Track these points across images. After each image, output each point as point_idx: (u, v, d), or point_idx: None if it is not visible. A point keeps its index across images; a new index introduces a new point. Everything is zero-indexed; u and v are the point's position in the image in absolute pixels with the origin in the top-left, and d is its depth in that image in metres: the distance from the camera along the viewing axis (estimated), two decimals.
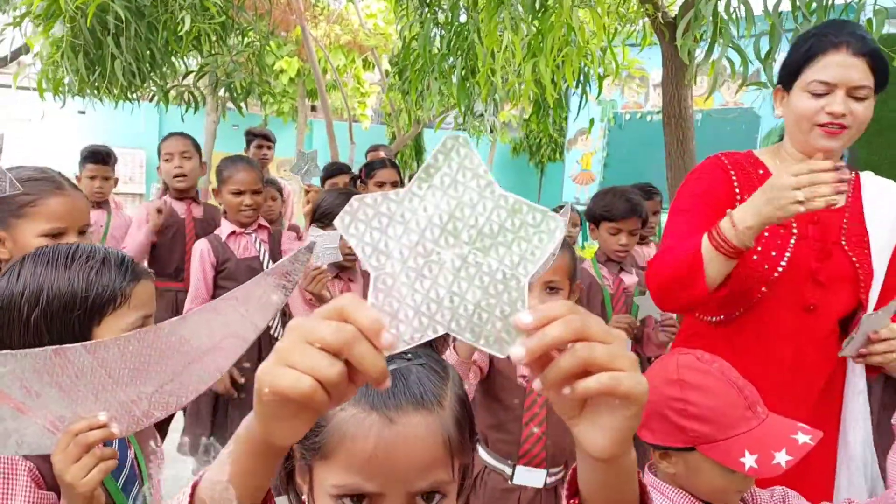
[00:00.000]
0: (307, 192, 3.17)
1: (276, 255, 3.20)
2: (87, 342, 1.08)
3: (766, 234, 1.77)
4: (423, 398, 0.81)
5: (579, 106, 4.35)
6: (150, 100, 4.19)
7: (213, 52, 4.18)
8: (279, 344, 0.58)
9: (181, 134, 3.49)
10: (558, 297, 2.04)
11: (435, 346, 0.90)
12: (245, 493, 0.66)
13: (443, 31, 4.06)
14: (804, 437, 1.31)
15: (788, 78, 1.80)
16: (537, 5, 3.80)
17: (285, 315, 3.35)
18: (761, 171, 1.89)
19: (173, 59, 3.84)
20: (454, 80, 3.91)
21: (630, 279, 3.01)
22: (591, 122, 4.57)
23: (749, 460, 1.28)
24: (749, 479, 1.37)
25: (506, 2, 3.63)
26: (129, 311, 1.28)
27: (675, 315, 2.80)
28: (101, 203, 3.75)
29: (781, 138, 1.91)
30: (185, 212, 3.46)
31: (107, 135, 9.11)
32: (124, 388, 1.09)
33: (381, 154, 5.61)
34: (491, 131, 7.40)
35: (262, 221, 3.23)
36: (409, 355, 0.86)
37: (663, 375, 1.42)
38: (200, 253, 3.00)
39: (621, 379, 0.58)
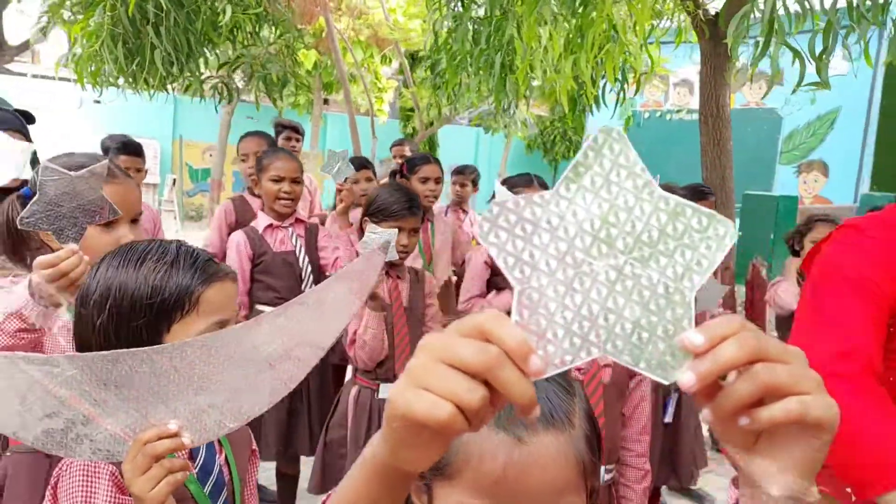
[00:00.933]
0: (339, 191, 3.11)
1: (312, 249, 3.15)
2: (156, 346, 1.03)
3: None
4: (554, 416, 0.76)
5: (616, 102, 4.30)
6: (185, 91, 4.16)
7: (246, 43, 4.15)
8: (411, 363, 0.52)
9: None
10: None
11: None
12: None
13: (479, 27, 4.01)
14: None
15: None
16: (577, 1, 3.75)
17: None
18: None
19: (206, 49, 3.81)
20: (492, 75, 3.86)
21: None
22: (628, 119, 4.52)
23: None
24: None
25: None
26: (199, 317, 1.18)
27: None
28: None
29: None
30: (259, 207, 3.42)
31: (121, 125, 9.08)
32: (195, 396, 1.04)
33: (407, 148, 5.57)
34: (505, 126, 7.33)
35: (300, 215, 3.18)
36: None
37: None
38: (237, 245, 2.95)
39: (809, 405, 0.51)
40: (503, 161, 13.70)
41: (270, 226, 3.03)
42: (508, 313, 0.54)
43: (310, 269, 3.07)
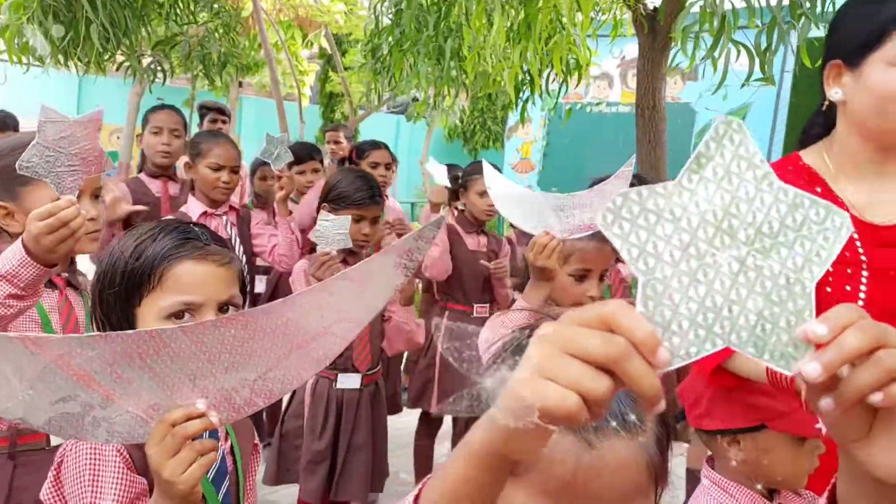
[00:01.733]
0: (279, 178, 3.03)
1: (245, 238, 3.06)
2: (186, 324, 0.98)
3: (831, 268, 1.51)
4: (626, 420, 0.74)
5: (558, 94, 4.37)
6: (117, 69, 3.95)
7: (181, 22, 3.97)
8: (531, 352, 0.52)
9: (170, 108, 3.29)
10: (584, 286, 2.02)
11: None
12: None
13: (425, 13, 3.98)
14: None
15: (858, 50, 1.38)
16: None
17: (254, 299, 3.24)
18: (818, 189, 1.47)
19: (145, 27, 3.62)
20: (439, 62, 3.85)
21: (627, 269, 3.02)
22: (569, 111, 4.59)
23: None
24: (815, 459, 1.39)
25: None
26: (164, 293, 1.16)
27: None
28: None
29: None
30: (160, 190, 3.27)
31: (22, 104, 8.53)
32: (224, 374, 0.99)
33: (341, 134, 5.47)
34: (443, 112, 7.32)
35: (233, 202, 3.08)
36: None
37: (726, 353, 1.42)
38: None
39: None
40: (425, 149, 13.68)
41: (204, 213, 2.92)
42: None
43: (245, 258, 2.98)
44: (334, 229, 2.47)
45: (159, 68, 3.97)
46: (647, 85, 4.34)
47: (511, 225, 3.92)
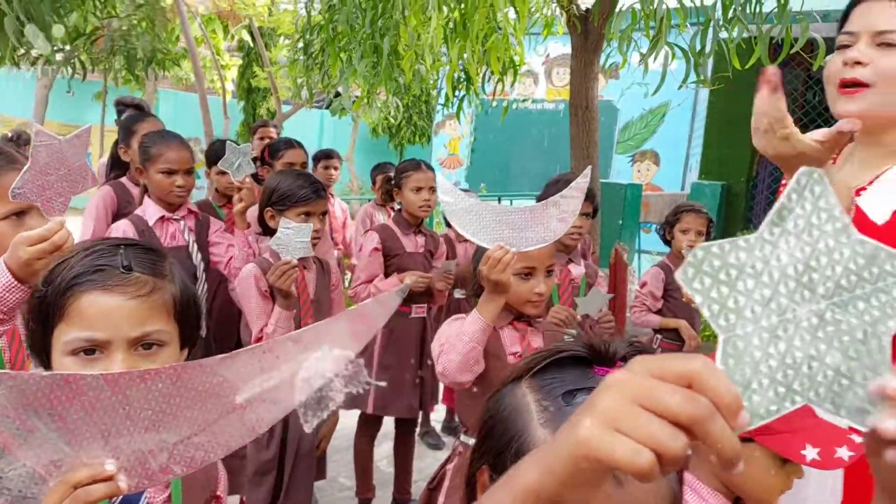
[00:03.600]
0: (239, 189, 2.90)
1: (203, 244, 2.94)
2: (108, 373, 0.86)
3: None
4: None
5: (494, 91, 4.39)
6: (32, 64, 3.70)
7: (101, 15, 3.77)
8: (602, 401, 0.50)
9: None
10: (531, 283, 2.02)
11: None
12: None
13: (362, 10, 3.92)
14: (859, 438, 1.30)
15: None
16: None
17: (209, 313, 3.11)
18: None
19: (63, 20, 3.41)
20: (378, 59, 3.80)
21: (578, 270, 3.03)
22: (505, 108, 4.62)
23: (811, 453, 1.29)
24: (790, 481, 1.41)
25: None
26: (68, 327, 1.04)
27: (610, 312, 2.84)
28: None
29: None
30: (139, 199, 3.08)
31: None
32: (143, 434, 0.89)
33: (272, 131, 5.33)
34: (378, 109, 7.24)
35: (192, 206, 2.96)
36: None
37: None
38: (124, 234, 2.68)
39: None
40: (351, 145, 13.54)
41: (162, 218, 2.78)
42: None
43: (203, 265, 2.86)
44: (296, 237, 2.39)
45: (77, 62, 3.76)
46: (581, 85, 4.41)
47: (447, 224, 3.90)
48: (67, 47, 3.73)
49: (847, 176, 1.52)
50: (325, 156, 5.00)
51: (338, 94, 6.72)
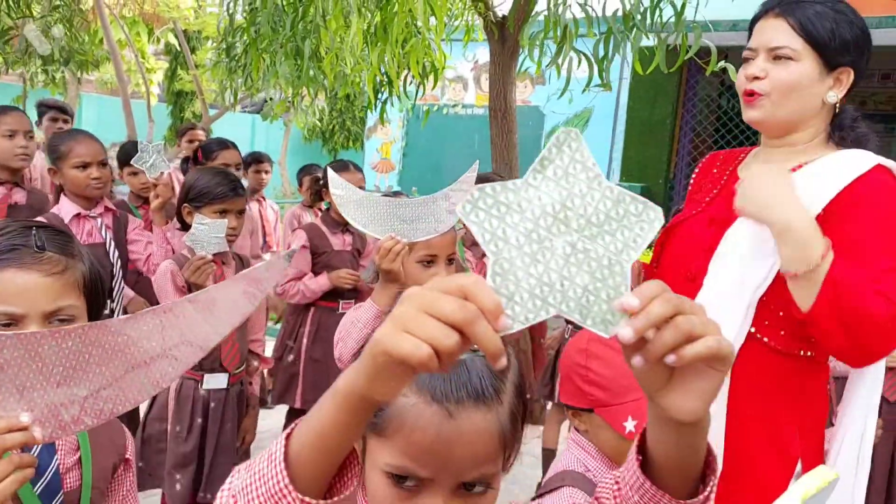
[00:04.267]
0: (154, 185, 2.94)
1: (121, 242, 2.96)
2: (21, 332, 0.95)
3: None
4: (484, 393, 0.83)
5: (415, 96, 4.50)
6: None
7: (15, 16, 3.72)
8: (397, 310, 0.61)
9: (19, 109, 3.08)
10: (433, 270, 2.12)
11: None
12: (333, 445, 0.68)
13: (282, 13, 3.99)
14: None
15: None
16: None
17: (125, 310, 3.13)
18: (727, 169, 1.81)
19: None
20: (299, 61, 3.87)
21: None
22: (427, 111, 4.73)
23: (630, 425, 1.43)
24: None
25: None
26: None
27: None
28: None
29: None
30: (2, 195, 3.06)
31: None
32: (55, 389, 0.97)
33: (200, 134, 5.32)
34: (303, 112, 7.27)
35: (109, 203, 2.97)
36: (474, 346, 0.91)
37: (576, 345, 1.58)
38: None
39: (721, 342, 0.64)
40: (283, 150, 13.46)
41: (78, 215, 2.80)
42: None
43: (120, 263, 2.88)
44: (210, 233, 2.45)
45: None
46: (499, 89, 4.56)
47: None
48: None
49: None
50: (256, 160, 5.04)
51: (271, 99, 6.73)
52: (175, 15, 7.75)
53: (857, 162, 1.55)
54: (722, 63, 3.17)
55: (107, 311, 2.84)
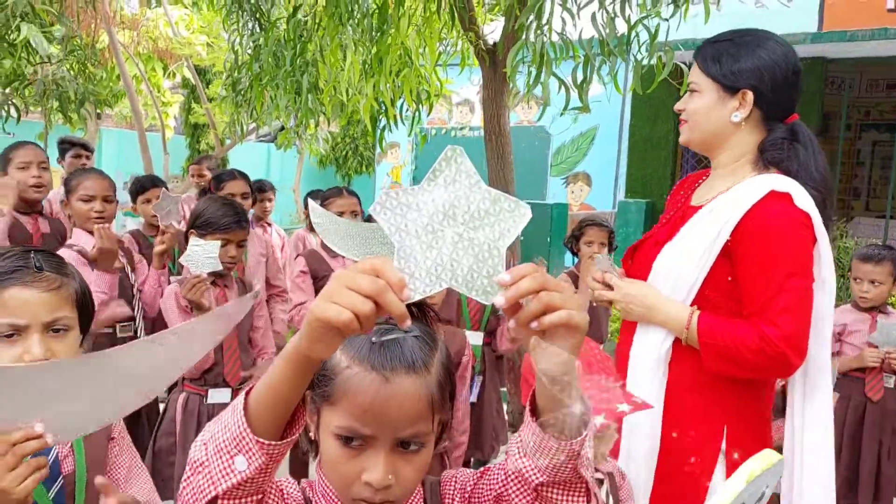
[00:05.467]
0: (162, 232, 3.15)
1: (133, 268, 3.17)
2: (54, 360, 1.18)
3: None
4: (414, 363, 0.99)
5: (412, 121, 4.70)
6: None
7: (34, 61, 3.99)
8: (326, 287, 0.79)
9: (34, 143, 3.33)
10: None
11: (428, 321, 1.08)
12: (283, 395, 0.85)
13: (282, 48, 4.22)
14: (625, 406, 1.58)
15: None
16: (374, 29, 4.09)
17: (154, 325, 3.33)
18: (687, 187, 2.05)
19: None
20: (297, 95, 4.09)
21: None
22: (424, 137, 4.92)
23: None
24: (609, 443, 1.68)
25: (345, 23, 3.90)
26: None
27: None
28: None
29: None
30: (32, 227, 3.30)
31: None
32: (65, 404, 1.18)
33: (204, 167, 5.59)
34: (307, 142, 7.52)
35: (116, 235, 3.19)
36: (407, 328, 0.97)
37: (529, 362, 1.70)
38: (74, 261, 2.89)
39: (572, 314, 0.82)
40: (297, 177, 13.75)
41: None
42: None
43: (137, 285, 3.10)
44: (204, 253, 2.65)
45: (12, 105, 3.95)
46: (492, 112, 4.75)
47: None
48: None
49: (703, 192, 1.94)
50: (259, 189, 5.27)
51: (283, 129, 6.98)
52: (187, 52, 8.06)
53: (752, 192, 1.73)
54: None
55: (130, 333, 3.04)
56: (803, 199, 1.70)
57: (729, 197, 1.77)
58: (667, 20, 3.34)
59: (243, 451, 0.86)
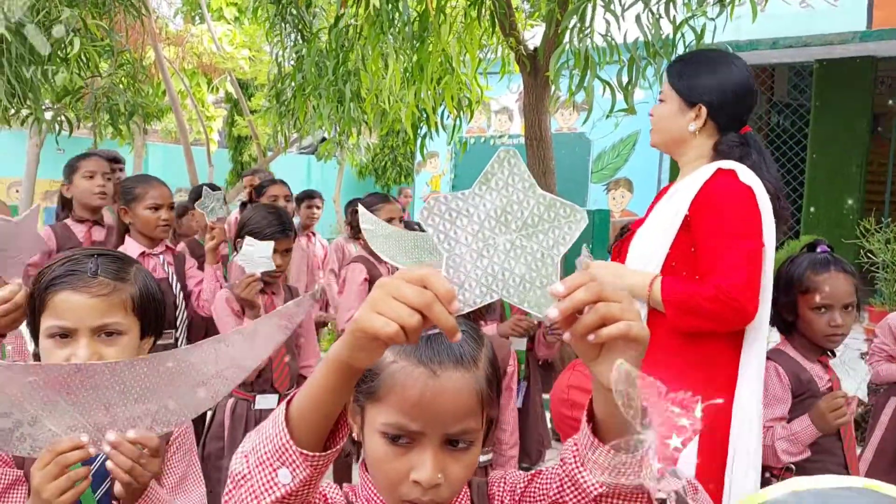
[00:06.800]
0: (211, 228, 3.21)
1: (181, 277, 3.21)
2: (104, 362, 1.18)
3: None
4: (462, 358, 0.96)
5: (453, 129, 4.70)
6: (22, 123, 4.01)
7: (85, 75, 4.10)
8: (371, 295, 0.75)
9: (98, 154, 3.45)
10: None
11: (474, 319, 1.09)
12: (325, 404, 0.82)
13: (324, 59, 4.26)
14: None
15: None
16: (414, 37, 4.11)
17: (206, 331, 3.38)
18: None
19: (51, 81, 3.73)
20: (340, 104, 4.12)
21: None
22: (465, 144, 4.93)
23: None
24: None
25: (386, 32, 3.92)
26: (48, 316, 1.34)
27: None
28: None
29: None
30: (84, 235, 3.37)
31: None
32: (133, 404, 1.20)
33: (258, 177, 5.70)
34: (350, 152, 7.59)
35: (169, 244, 3.25)
36: None
37: (557, 395, 1.66)
38: None
39: (632, 326, 0.76)
40: (337, 188, 13.88)
41: (143, 254, 3.07)
42: None
43: (182, 295, 3.14)
44: (258, 253, 2.68)
45: (64, 120, 4.07)
46: (534, 118, 4.72)
47: None
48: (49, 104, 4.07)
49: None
50: (308, 196, 5.34)
51: (324, 139, 7.07)
52: (230, 66, 8.22)
53: (704, 172, 1.98)
54: None
55: (171, 341, 3.09)
56: (747, 176, 1.92)
57: (686, 181, 2.02)
58: (713, 20, 3.28)
59: (287, 463, 0.83)
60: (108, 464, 1.18)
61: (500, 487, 1.07)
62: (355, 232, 4.91)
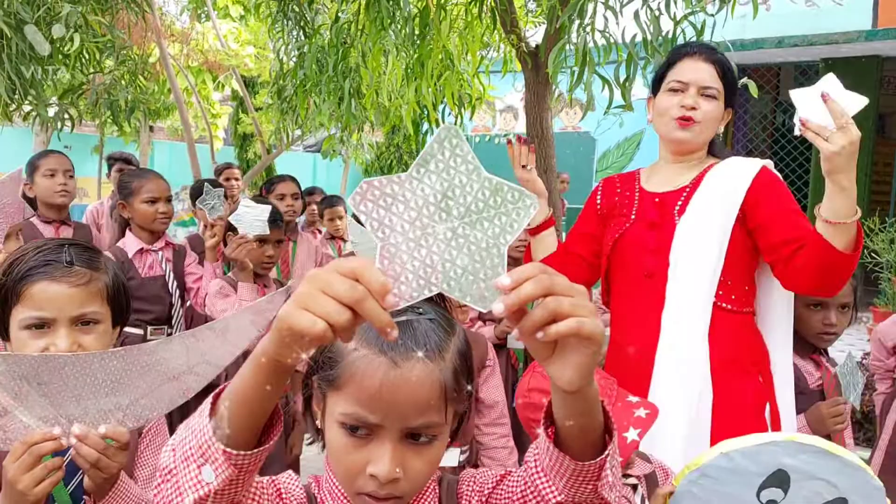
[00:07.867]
0: (212, 226, 3.22)
1: (179, 274, 3.22)
2: (73, 354, 1.19)
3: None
4: (427, 348, 0.90)
5: (456, 121, 4.70)
6: (24, 119, 4.03)
7: (87, 71, 4.11)
8: (298, 290, 0.68)
9: (59, 152, 3.47)
10: None
11: (445, 305, 1.00)
12: (251, 401, 0.76)
13: (325, 55, 4.26)
14: (643, 411, 1.50)
15: (655, 85, 2.09)
16: (415, 33, 4.11)
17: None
18: (632, 185, 2.17)
19: (52, 77, 3.74)
20: (340, 100, 4.13)
21: None
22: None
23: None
24: None
25: (387, 28, 3.92)
26: (23, 308, 1.31)
27: None
28: None
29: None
30: (53, 234, 3.35)
31: None
32: (105, 398, 1.19)
33: (236, 172, 5.90)
34: (353, 149, 7.59)
35: (169, 238, 3.25)
36: (421, 310, 0.93)
37: (520, 398, 1.60)
38: None
39: (584, 323, 0.70)
40: (342, 185, 13.89)
41: (141, 250, 3.08)
42: None
43: (179, 292, 3.15)
44: (253, 215, 2.69)
45: (66, 116, 4.09)
46: (535, 116, 4.71)
47: None
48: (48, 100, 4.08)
49: (659, 183, 2.09)
50: (309, 193, 5.43)
51: (329, 137, 7.10)
52: (234, 63, 8.23)
53: (752, 164, 2.00)
54: (744, 80, 3.25)
55: (162, 336, 3.10)
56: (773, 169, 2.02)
57: (724, 171, 2.00)
58: (713, 16, 3.27)
59: (210, 460, 0.77)
60: (74, 455, 1.19)
61: (470, 486, 1.03)
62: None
